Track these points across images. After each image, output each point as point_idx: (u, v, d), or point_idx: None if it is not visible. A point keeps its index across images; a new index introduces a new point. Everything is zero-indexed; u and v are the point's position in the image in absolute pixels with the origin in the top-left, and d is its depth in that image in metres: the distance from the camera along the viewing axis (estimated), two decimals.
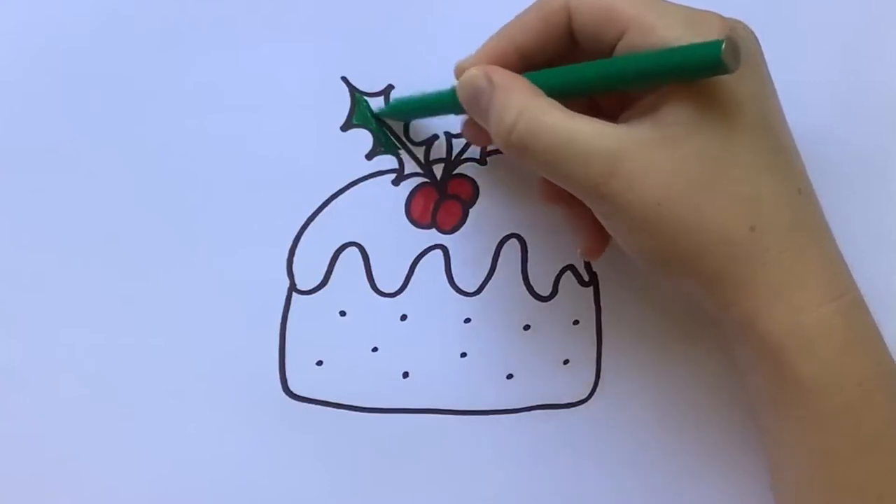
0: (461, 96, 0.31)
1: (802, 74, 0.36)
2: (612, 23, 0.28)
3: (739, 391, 0.36)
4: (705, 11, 0.28)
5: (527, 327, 0.36)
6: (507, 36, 0.31)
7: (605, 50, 0.29)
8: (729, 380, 0.37)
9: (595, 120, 0.28)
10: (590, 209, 0.30)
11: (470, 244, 0.36)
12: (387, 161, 0.36)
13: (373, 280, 0.36)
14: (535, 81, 0.30)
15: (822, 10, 0.37)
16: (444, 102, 0.33)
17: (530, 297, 0.36)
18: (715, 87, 0.27)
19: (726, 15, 0.28)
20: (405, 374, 0.36)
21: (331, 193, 0.36)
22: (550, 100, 0.29)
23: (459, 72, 0.32)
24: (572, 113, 0.28)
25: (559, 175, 0.29)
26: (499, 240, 0.36)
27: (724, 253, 0.28)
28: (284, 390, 0.35)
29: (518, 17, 0.31)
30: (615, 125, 0.28)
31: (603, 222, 0.30)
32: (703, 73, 0.26)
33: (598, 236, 0.33)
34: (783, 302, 0.28)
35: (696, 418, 0.37)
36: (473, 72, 0.30)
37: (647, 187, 0.27)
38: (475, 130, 0.33)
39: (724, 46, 0.24)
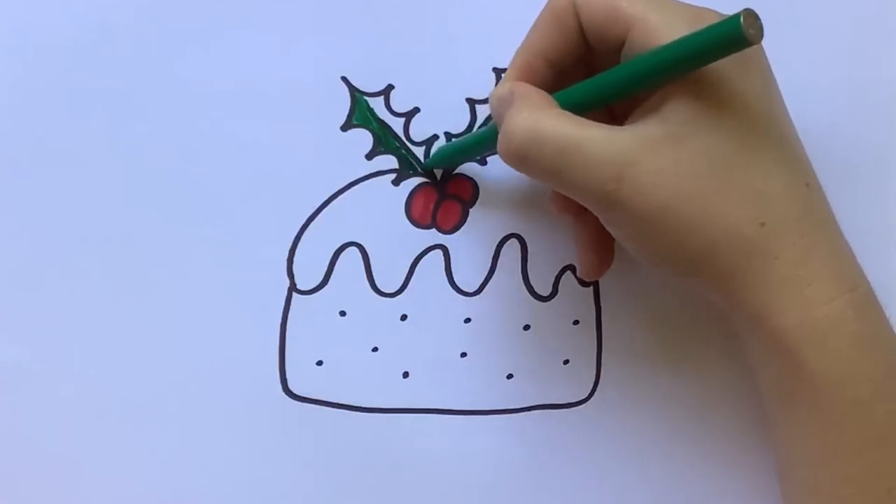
0: (492, 113, 0.31)
1: (803, 73, 0.36)
2: (617, 21, 0.29)
3: (740, 390, 0.36)
4: (707, 9, 0.28)
5: (527, 327, 0.36)
6: (530, 47, 0.31)
7: (613, 48, 0.29)
8: (730, 379, 0.37)
9: (602, 125, 0.28)
10: (597, 223, 0.30)
11: (470, 244, 0.36)
12: (387, 161, 0.36)
13: (373, 280, 0.36)
14: (561, 97, 0.30)
15: (821, 10, 0.37)
16: (486, 139, 0.33)
17: (530, 297, 0.36)
18: (718, 84, 0.27)
19: (729, 14, 0.28)
20: (405, 374, 0.36)
21: (331, 193, 0.36)
22: (559, 110, 0.29)
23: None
24: (580, 120, 0.28)
25: (567, 183, 0.28)
26: (499, 240, 0.36)
27: (736, 250, 0.28)
28: (284, 390, 0.35)
29: (534, 24, 0.31)
30: (621, 128, 0.28)
31: (611, 230, 0.30)
32: (728, 50, 0.26)
33: (602, 255, 0.33)
34: (795, 296, 0.28)
35: (696, 418, 0.37)
36: (502, 87, 0.31)
37: (657, 189, 0.27)
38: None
39: (742, 19, 0.24)
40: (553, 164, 0.28)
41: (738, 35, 0.24)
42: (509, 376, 0.36)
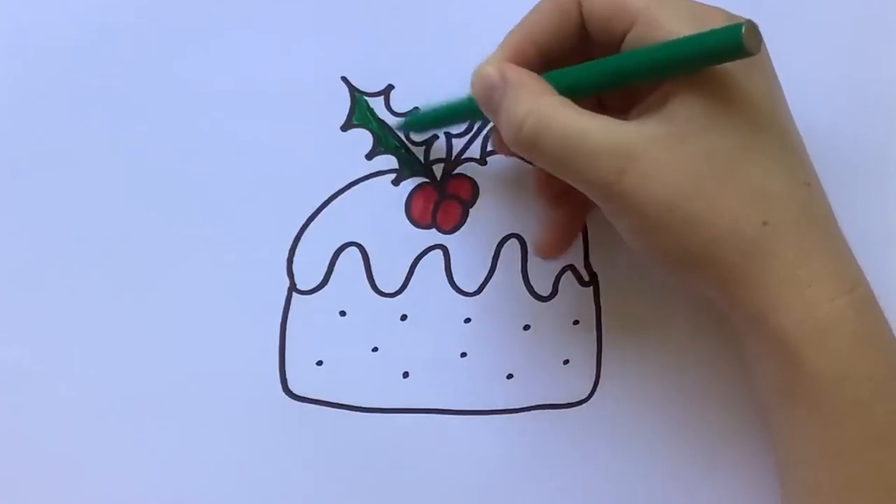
0: (475, 93, 0.31)
1: (803, 72, 0.36)
2: (622, 15, 0.29)
3: (741, 390, 0.36)
4: (712, 7, 0.29)
5: (527, 327, 0.36)
6: (524, 31, 0.31)
7: (614, 42, 0.29)
8: (730, 379, 0.37)
9: (606, 118, 0.28)
10: (575, 209, 0.30)
11: (470, 244, 0.36)
12: (387, 161, 0.36)
13: (373, 280, 0.36)
14: (551, 80, 0.29)
15: (822, 9, 0.37)
16: (464, 109, 0.33)
17: (530, 297, 0.36)
18: (723, 83, 0.28)
19: (737, 13, 0.28)
20: (405, 374, 0.36)
21: (331, 193, 0.36)
22: (562, 97, 0.29)
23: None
24: (584, 110, 0.28)
25: (570, 173, 0.29)
26: (499, 240, 0.36)
27: (737, 249, 0.28)
28: (284, 390, 0.35)
29: (533, 9, 0.31)
30: (626, 122, 0.28)
31: (612, 221, 0.30)
32: (726, 58, 0.26)
33: (560, 240, 0.34)
34: (796, 296, 0.28)
35: (696, 418, 0.37)
36: (487, 69, 0.30)
37: (659, 185, 0.27)
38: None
39: (744, 29, 0.24)
40: (558, 153, 0.28)
41: (737, 44, 0.25)
42: (509, 376, 0.36)
